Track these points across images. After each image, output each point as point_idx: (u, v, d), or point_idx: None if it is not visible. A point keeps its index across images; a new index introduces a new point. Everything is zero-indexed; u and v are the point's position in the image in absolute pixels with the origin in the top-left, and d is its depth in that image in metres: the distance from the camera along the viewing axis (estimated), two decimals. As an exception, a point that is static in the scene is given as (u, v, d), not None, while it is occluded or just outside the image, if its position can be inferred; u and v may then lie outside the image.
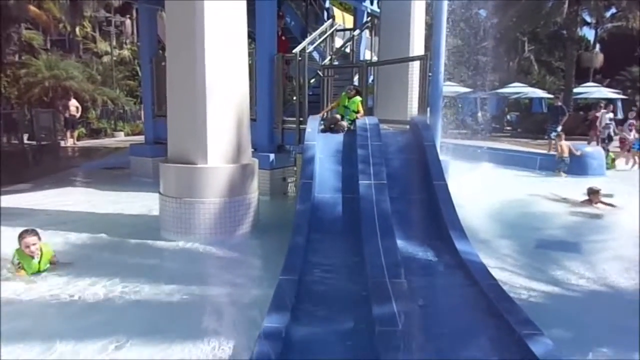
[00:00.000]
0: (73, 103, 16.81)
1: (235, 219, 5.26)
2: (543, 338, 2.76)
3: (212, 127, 5.15)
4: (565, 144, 10.34)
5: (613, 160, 11.72)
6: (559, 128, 13.15)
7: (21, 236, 4.08)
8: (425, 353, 2.67)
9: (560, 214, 6.87)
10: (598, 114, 16.91)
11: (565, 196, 7.57)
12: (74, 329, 3.12)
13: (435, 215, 5.05)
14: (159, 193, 5.41)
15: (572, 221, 6.54)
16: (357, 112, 6.73)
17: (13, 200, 7.05)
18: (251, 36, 7.49)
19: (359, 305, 3.36)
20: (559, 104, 14.85)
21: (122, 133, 20.12)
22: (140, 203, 7.10)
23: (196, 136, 5.17)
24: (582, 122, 20.05)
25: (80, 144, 16.96)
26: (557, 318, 3.39)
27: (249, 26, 5.78)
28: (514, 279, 4.19)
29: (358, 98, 6.81)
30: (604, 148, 12.33)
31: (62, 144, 16.34)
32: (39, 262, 4.09)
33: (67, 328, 3.15)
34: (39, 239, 4.12)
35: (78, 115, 17.08)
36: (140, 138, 17.01)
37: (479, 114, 22.72)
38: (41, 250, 4.09)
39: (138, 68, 23.85)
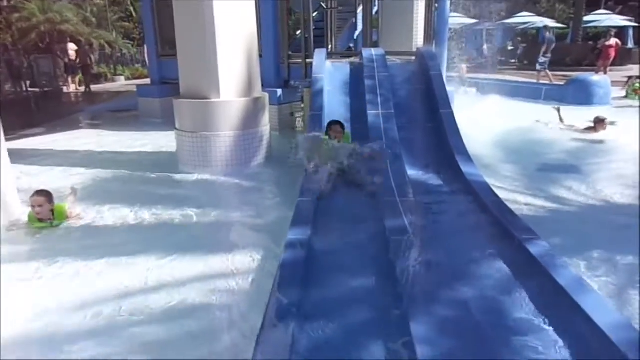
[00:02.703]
0: (72, 47, 16.61)
1: (249, 151, 5.49)
2: (540, 241, 3.05)
3: (222, 62, 5.25)
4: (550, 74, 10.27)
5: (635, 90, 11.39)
6: (542, 60, 13.59)
7: (32, 194, 3.84)
8: (434, 256, 2.96)
9: (563, 140, 7.05)
10: (608, 43, 16.59)
11: (570, 124, 7.69)
12: (126, 247, 3.46)
13: (442, 141, 5.25)
14: (175, 129, 5.60)
15: (575, 147, 6.73)
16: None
17: (31, 143, 7.30)
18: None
19: (373, 221, 3.64)
20: (547, 33, 14.76)
21: (122, 77, 19.97)
22: (153, 142, 7.33)
23: (208, 72, 5.27)
24: (591, 51, 19.64)
25: (82, 89, 16.94)
26: (554, 227, 3.68)
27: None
28: (516, 197, 4.45)
29: (347, 135, 5.00)
30: None
31: (65, 89, 16.34)
32: (51, 224, 3.83)
33: (120, 245, 3.50)
34: (50, 201, 3.83)
35: (77, 59, 16.91)
36: (141, 82, 17.02)
37: (485, 47, 22.22)
38: (53, 212, 3.83)
39: (132, 8, 23.28)
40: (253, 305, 2.63)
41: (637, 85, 10.79)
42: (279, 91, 7.76)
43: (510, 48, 25.63)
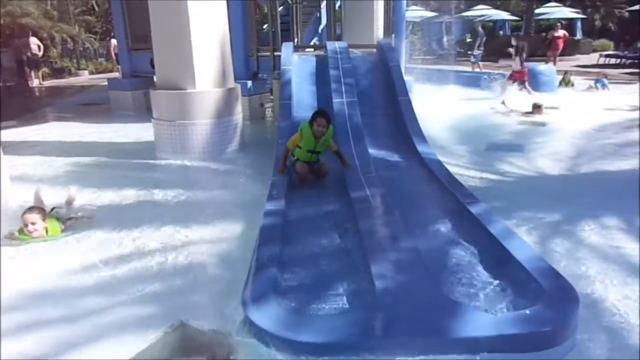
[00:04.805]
0: (34, 41, 16.30)
1: (224, 138, 5.89)
2: (480, 204, 3.64)
3: (197, 55, 5.62)
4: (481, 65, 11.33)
5: (573, 84, 12.30)
6: (477, 52, 15.33)
7: (24, 212, 3.53)
8: (391, 217, 3.50)
9: (510, 123, 7.79)
10: (556, 34, 17.70)
11: (514, 109, 8.50)
12: (135, 220, 3.83)
13: (401, 125, 5.82)
14: (153, 118, 5.94)
15: (520, 129, 7.47)
16: (329, 150, 4.51)
17: (4, 135, 7.42)
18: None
19: (340, 194, 4.16)
20: (479, 29, 16.31)
21: (86, 72, 19.74)
22: (128, 132, 7.61)
23: (184, 64, 5.63)
24: (542, 42, 20.78)
25: (47, 83, 16.73)
26: (494, 194, 4.30)
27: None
28: (465, 172, 5.06)
29: (330, 132, 4.41)
30: None
31: (29, 84, 16.09)
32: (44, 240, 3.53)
33: (134, 219, 3.86)
34: (44, 218, 3.54)
35: (40, 54, 16.64)
36: (107, 76, 16.94)
37: (444, 39, 23.12)
38: (46, 231, 3.55)
39: (94, 2, 22.91)
40: (241, 259, 3.09)
41: (570, 80, 11.78)
42: (249, 83, 8.16)
43: (468, 40, 26.66)
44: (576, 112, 8.48)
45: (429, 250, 3.05)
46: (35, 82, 16.32)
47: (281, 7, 9.30)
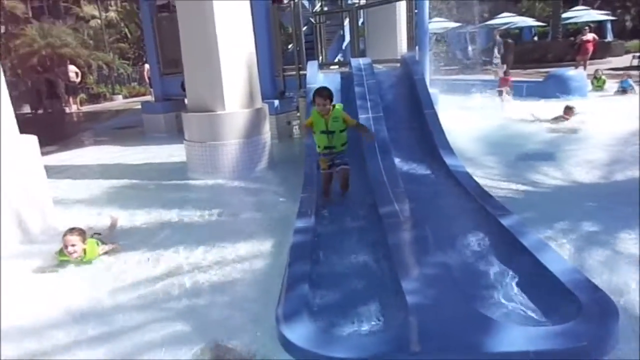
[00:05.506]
0: (72, 69, 17.16)
1: (253, 157, 6.03)
2: (512, 216, 3.59)
3: (226, 78, 5.81)
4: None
5: (604, 82, 12.12)
6: (496, 60, 15.14)
7: (64, 233, 3.63)
8: (421, 231, 3.49)
9: (540, 132, 7.65)
10: (585, 38, 17.33)
11: (544, 116, 8.35)
12: (170, 240, 3.98)
13: (427, 138, 5.81)
14: (184, 140, 6.13)
15: (550, 137, 7.33)
16: (347, 125, 4.39)
17: (47, 160, 7.79)
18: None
19: (369, 210, 4.18)
20: (497, 37, 16.01)
21: (120, 96, 20.55)
22: (161, 154, 7.85)
23: (213, 87, 5.83)
24: (570, 47, 20.37)
25: (84, 109, 17.50)
26: (526, 206, 4.23)
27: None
28: (494, 183, 4.99)
29: (339, 107, 4.37)
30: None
31: (67, 110, 16.87)
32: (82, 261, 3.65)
33: (168, 238, 4.02)
34: (83, 240, 3.63)
35: (78, 80, 17.48)
36: (140, 99, 17.58)
37: (469, 48, 22.96)
38: (84, 252, 3.63)
39: (127, 30, 23.92)
40: (274, 277, 3.15)
41: (601, 76, 11.47)
42: (276, 102, 8.32)
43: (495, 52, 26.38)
44: (608, 116, 8.24)
45: (460, 265, 3.04)
46: (73, 108, 17.11)
47: (305, 27, 9.49)
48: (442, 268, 2.91)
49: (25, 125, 4.49)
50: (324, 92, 4.27)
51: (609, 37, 25.33)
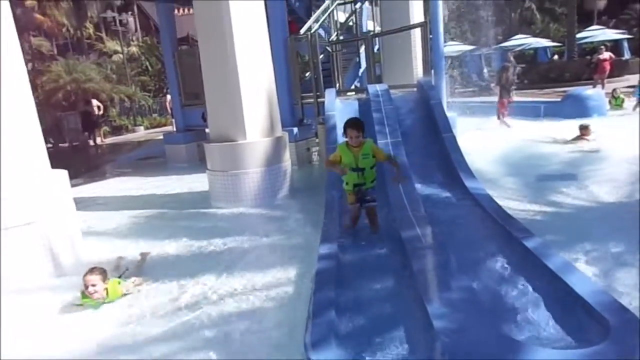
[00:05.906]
0: (95, 103, 17.77)
1: (275, 185, 6.14)
2: (535, 238, 3.59)
3: (247, 108, 5.99)
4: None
5: (623, 100, 12.04)
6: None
7: (85, 273, 3.58)
8: (444, 255, 3.51)
9: (560, 152, 7.61)
10: (601, 57, 17.28)
11: (563, 137, 8.31)
12: (195, 269, 4.06)
13: (446, 162, 5.86)
14: (207, 169, 6.30)
15: (571, 157, 7.29)
16: (377, 161, 4.24)
17: (76, 192, 8.05)
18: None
19: (391, 234, 4.22)
20: (511, 58, 15.62)
21: (141, 127, 21.11)
22: (183, 183, 8.02)
23: (235, 117, 6.01)
24: (587, 66, 20.32)
25: (107, 141, 18.02)
26: (549, 227, 4.21)
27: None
28: (516, 205, 4.98)
29: (369, 142, 4.21)
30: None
31: (91, 142, 17.39)
32: (103, 302, 3.58)
33: (193, 267, 4.12)
34: (104, 279, 3.58)
35: (100, 114, 18.07)
36: (160, 130, 18.05)
37: (485, 70, 23.07)
38: (107, 291, 3.58)
39: (148, 63, 24.76)
40: (300, 303, 3.20)
41: (620, 95, 11.36)
42: (295, 129, 8.49)
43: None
44: (628, 135, 8.16)
45: (485, 288, 3.05)
46: (97, 140, 17.63)
47: (322, 55, 9.73)
48: (467, 291, 2.92)
49: (51, 158, 4.68)
50: (356, 124, 4.11)
51: (627, 55, 25.21)
